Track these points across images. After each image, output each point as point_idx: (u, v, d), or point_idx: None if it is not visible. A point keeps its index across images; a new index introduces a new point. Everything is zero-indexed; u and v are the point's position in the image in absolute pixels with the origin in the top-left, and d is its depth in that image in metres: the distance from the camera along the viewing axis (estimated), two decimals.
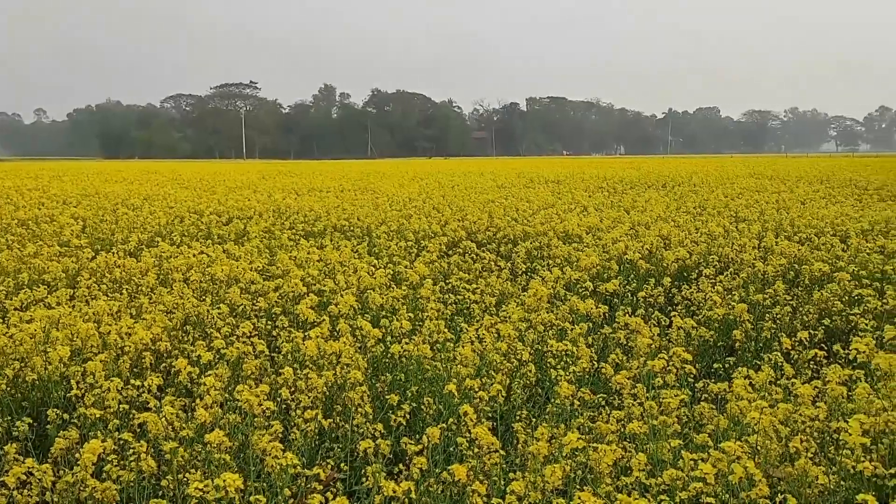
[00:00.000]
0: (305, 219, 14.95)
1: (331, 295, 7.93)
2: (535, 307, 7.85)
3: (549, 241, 12.06)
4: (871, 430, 4.33)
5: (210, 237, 12.91)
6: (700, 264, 10.10)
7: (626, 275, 10.02)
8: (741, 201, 18.37)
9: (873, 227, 13.11)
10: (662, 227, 13.00)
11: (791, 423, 4.58)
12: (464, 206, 17.24)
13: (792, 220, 13.57)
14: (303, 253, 10.12)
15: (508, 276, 10.29)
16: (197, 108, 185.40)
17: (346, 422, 4.82)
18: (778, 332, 7.32)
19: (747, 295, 8.41)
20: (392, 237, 12.56)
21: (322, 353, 5.49)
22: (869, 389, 4.98)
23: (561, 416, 5.17)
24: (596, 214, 15.66)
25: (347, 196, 21.30)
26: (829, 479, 3.85)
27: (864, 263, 9.48)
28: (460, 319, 8.10)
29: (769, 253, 10.46)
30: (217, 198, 19.87)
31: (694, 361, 7.13)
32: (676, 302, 8.95)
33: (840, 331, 7.63)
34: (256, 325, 6.89)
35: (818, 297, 8.21)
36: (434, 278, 9.65)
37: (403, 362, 5.86)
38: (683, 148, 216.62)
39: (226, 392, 5.10)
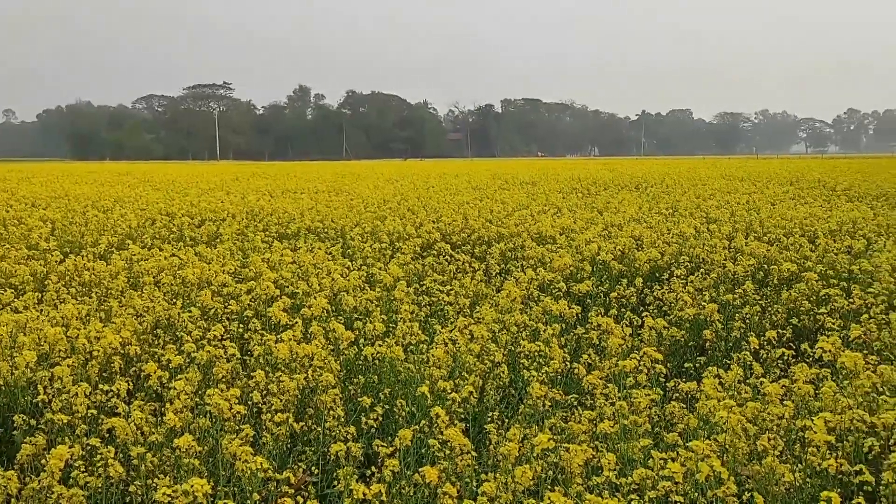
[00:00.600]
0: (279, 221, 14.86)
1: (304, 297, 7.89)
2: (509, 308, 7.88)
3: (523, 243, 12.11)
4: (837, 427, 4.41)
5: (182, 239, 12.78)
6: (672, 265, 10.19)
7: (599, 275, 10.09)
8: (712, 202, 18.58)
9: (841, 228, 13.34)
10: (635, 228, 13.11)
11: (759, 421, 4.65)
12: (439, 208, 17.25)
13: (762, 220, 13.76)
14: (276, 255, 10.06)
15: (483, 277, 10.32)
16: (169, 109, 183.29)
17: (319, 425, 4.79)
18: (747, 331, 7.41)
19: (718, 295, 8.51)
20: (366, 239, 12.53)
21: (294, 355, 5.46)
22: (835, 388, 5.08)
23: (533, 417, 5.19)
24: (569, 215, 15.75)
25: (322, 198, 21.21)
26: (795, 476, 3.91)
27: (831, 263, 9.64)
28: (434, 321, 8.10)
29: (739, 253, 10.60)
30: (189, 200, 19.67)
31: (665, 361, 7.19)
32: (648, 302, 9.04)
33: (808, 330, 7.76)
34: (228, 328, 6.83)
35: (786, 297, 8.33)
36: (408, 280, 9.65)
37: (377, 364, 5.85)
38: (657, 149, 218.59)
39: (196, 396, 5.05)
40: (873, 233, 12.28)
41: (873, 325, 6.62)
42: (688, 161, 73.53)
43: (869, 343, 6.43)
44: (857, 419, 4.26)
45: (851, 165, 46.68)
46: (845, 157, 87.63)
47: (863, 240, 11.04)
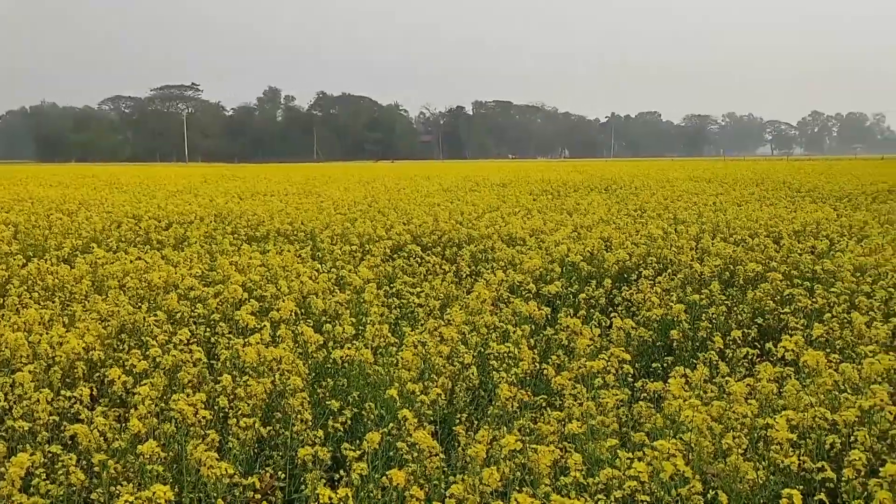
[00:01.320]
0: (248, 223, 14.73)
1: (272, 300, 7.83)
2: (479, 310, 7.89)
3: (493, 244, 12.14)
4: (800, 425, 4.48)
5: (149, 243, 12.61)
6: (640, 266, 10.29)
7: (569, 277, 10.15)
8: (680, 203, 18.81)
9: (805, 228, 13.59)
10: (604, 230, 13.21)
11: (724, 420, 4.71)
12: (409, 210, 17.23)
13: (728, 221, 13.95)
14: (244, 258, 9.96)
15: (453, 279, 10.32)
16: (137, 110, 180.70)
17: (287, 429, 4.76)
18: (713, 331, 7.51)
19: (685, 295, 8.61)
20: (336, 241, 12.47)
21: (262, 359, 5.41)
22: (798, 386, 5.16)
23: (502, 419, 5.20)
24: (539, 217, 15.83)
25: (292, 200, 21.08)
26: (758, 474, 3.96)
27: (795, 264, 9.80)
28: (404, 323, 8.09)
29: (706, 254, 10.73)
30: (157, 202, 19.44)
31: (633, 361, 7.26)
32: (617, 303, 9.10)
33: (773, 329, 7.88)
34: (195, 332, 6.76)
35: (752, 297, 8.45)
36: (378, 282, 9.62)
37: (346, 367, 5.82)
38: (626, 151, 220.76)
39: (162, 401, 4.98)
40: (836, 233, 12.52)
41: (835, 324, 6.75)
42: (657, 163, 74.37)
43: (831, 341, 6.55)
44: (819, 417, 4.34)
45: (815, 167, 47.56)
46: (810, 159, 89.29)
47: (826, 240, 11.25)
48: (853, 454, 3.77)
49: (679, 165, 59.45)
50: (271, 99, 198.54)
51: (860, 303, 7.46)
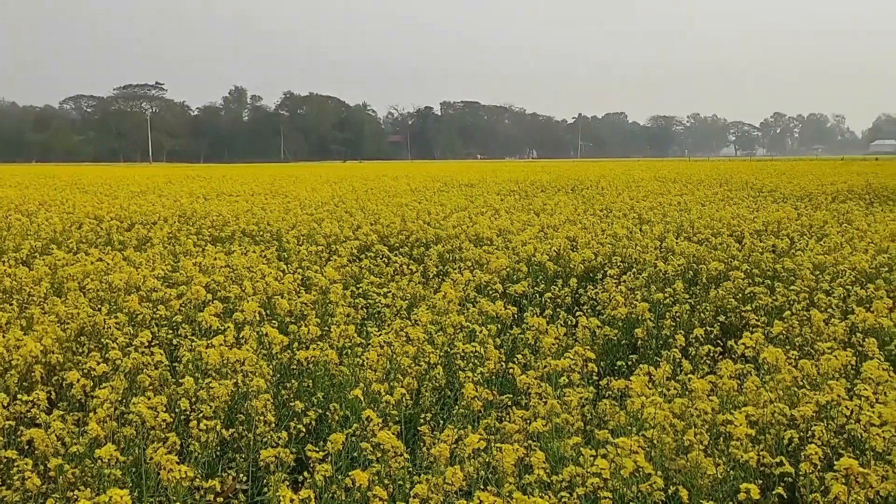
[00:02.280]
0: (213, 224, 14.55)
1: (237, 301, 7.74)
2: (446, 309, 7.89)
3: (460, 244, 12.15)
4: (760, 421, 4.55)
5: (110, 244, 12.38)
6: (605, 265, 10.37)
7: (535, 276, 10.20)
8: (646, 203, 19.01)
9: (767, 228, 13.83)
10: (570, 230, 13.30)
11: (686, 416, 4.77)
12: (377, 210, 17.18)
13: (692, 221, 14.13)
14: (209, 259, 9.84)
15: (420, 279, 10.31)
16: (99, 110, 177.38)
17: (250, 431, 4.70)
18: (677, 329, 7.60)
19: (649, 294, 8.70)
20: (302, 242, 12.38)
21: (225, 361, 5.35)
22: (759, 382, 5.25)
23: (468, 418, 5.21)
24: (507, 217, 15.88)
25: (258, 200, 20.88)
26: (718, 470, 4.02)
27: (757, 262, 9.96)
28: (371, 324, 8.05)
29: (670, 253, 10.85)
30: (119, 203, 19.11)
31: (598, 359, 7.33)
32: (583, 302, 9.16)
33: (735, 327, 7.99)
34: (157, 333, 6.65)
35: (714, 295, 8.57)
36: (345, 283, 9.56)
37: (311, 368, 5.78)
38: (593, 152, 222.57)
39: (122, 405, 4.89)
40: (797, 233, 12.75)
41: (795, 322, 6.87)
42: (623, 163, 75.18)
43: (791, 338, 6.67)
44: (778, 412, 4.41)
45: (777, 167, 48.43)
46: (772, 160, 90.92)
47: (786, 239, 11.45)
48: (810, 449, 3.84)
49: (645, 166, 60.13)
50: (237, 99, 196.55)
51: (819, 300, 7.61)
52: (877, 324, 6.37)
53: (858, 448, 4.29)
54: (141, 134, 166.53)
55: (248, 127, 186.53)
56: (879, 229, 12.26)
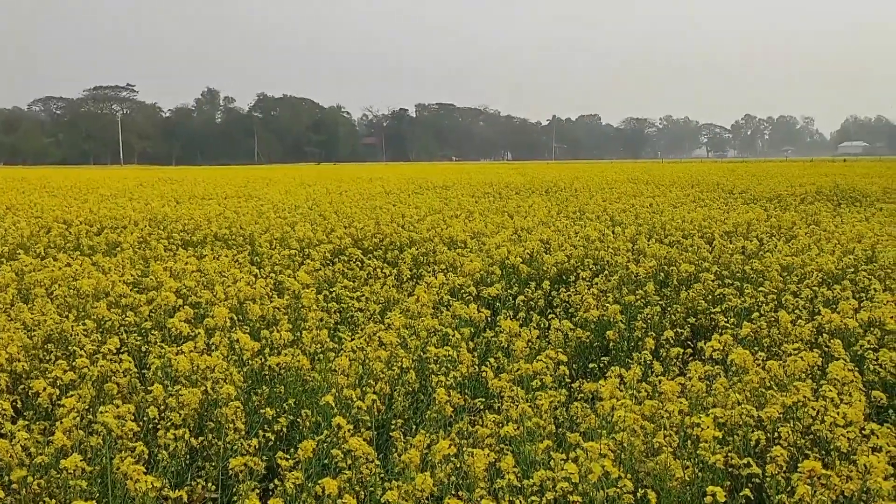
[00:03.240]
0: (184, 228, 14.39)
1: (208, 307, 7.67)
2: (419, 313, 7.89)
3: (434, 247, 12.15)
4: (728, 422, 4.61)
5: (79, 248, 12.20)
6: (577, 267, 10.43)
7: (509, 279, 10.23)
8: (618, 205, 19.16)
9: (736, 229, 14.01)
10: (544, 232, 13.36)
11: (656, 418, 4.82)
12: (351, 213, 17.12)
13: (664, 223, 14.27)
14: (179, 263, 9.73)
15: (394, 282, 10.29)
16: (68, 112, 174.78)
17: (220, 439, 4.66)
18: (648, 331, 7.67)
19: (621, 296, 8.77)
20: (275, 246, 12.30)
21: (195, 368, 5.29)
22: (727, 384, 5.31)
23: (440, 422, 5.21)
24: (481, 220, 15.92)
25: (230, 203, 20.70)
26: (686, 472, 4.06)
27: (726, 264, 10.09)
28: (344, 328, 8.02)
29: (642, 255, 10.95)
30: (89, 206, 18.83)
31: (571, 362, 7.38)
32: (556, 304, 9.21)
33: (705, 328, 8.09)
34: (126, 340, 6.57)
35: (685, 297, 8.66)
36: (318, 287, 9.52)
37: (282, 374, 5.74)
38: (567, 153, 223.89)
39: (89, 413, 4.82)
40: (766, 234, 12.93)
41: (763, 323, 6.96)
42: (597, 165, 75.70)
43: (759, 339, 6.76)
44: (745, 414, 4.47)
45: (748, 169, 49.10)
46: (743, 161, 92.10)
47: (756, 241, 11.61)
48: (775, 451, 3.90)
49: (618, 167, 60.64)
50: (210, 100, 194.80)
51: (787, 302, 7.72)
52: (842, 324, 6.48)
53: (824, 448, 4.36)
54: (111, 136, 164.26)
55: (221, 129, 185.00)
56: (846, 230, 12.47)
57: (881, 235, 11.63)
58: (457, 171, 56.64)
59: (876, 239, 11.24)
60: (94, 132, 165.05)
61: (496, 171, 55.67)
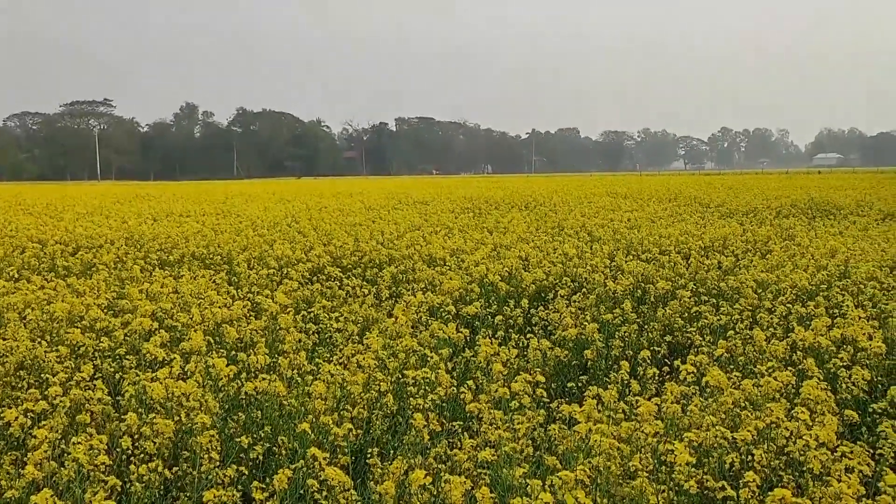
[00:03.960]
0: (161, 247, 14.28)
1: (184, 330, 7.60)
2: (398, 333, 7.87)
3: (413, 265, 12.15)
4: (703, 444, 4.64)
5: (54, 269, 12.06)
6: (556, 285, 10.47)
7: (488, 297, 10.25)
8: (597, 220, 19.27)
9: (713, 244, 14.15)
10: (523, 248, 13.41)
11: (633, 440, 4.84)
12: (330, 230, 17.08)
13: (641, 239, 14.37)
14: (156, 285, 9.65)
15: (373, 301, 10.27)
16: (45, 127, 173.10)
17: (195, 468, 4.61)
18: (626, 349, 7.71)
19: (599, 314, 8.81)
20: (254, 265, 12.24)
21: (170, 395, 5.24)
22: (702, 404, 5.36)
23: (418, 446, 5.19)
24: (460, 236, 15.95)
25: (209, 221, 20.57)
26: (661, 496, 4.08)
27: (703, 280, 10.18)
28: (323, 349, 7.99)
29: (620, 272, 11.02)
30: (64, 225, 18.62)
31: (550, 380, 7.40)
32: (535, 322, 9.24)
33: (682, 345, 8.14)
34: (100, 366, 6.49)
35: (662, 314, 8.72)
36: (296, 307, 9.48)
37: (259, 399, 5.70)
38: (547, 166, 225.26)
39: (62, 443, 4.76)
40: (741, 249, 13.07)
41: (738, 341, 7.03)
42: (576, 178, 76.12)
43: (735, 358, 6.82)
44: (719, 436, 4.50)
45: (725, 181, 49.65)
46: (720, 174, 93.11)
47: (731, 257, 11.72)
48: (748, 476, 3.93)
49: (597, 181, 61.04)
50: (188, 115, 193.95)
51: (762, 319, 7.80)
52: (816, 342, 6.56)
53: (797, 470, 4.40)
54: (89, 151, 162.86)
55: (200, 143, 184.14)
56: (820, 245, 12.64)
57: (854, 250, 11.80)
58: (437, 185, 56.74)
59: (849, 254, 11.39)
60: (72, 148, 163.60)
61: (476, 184, 55.84)
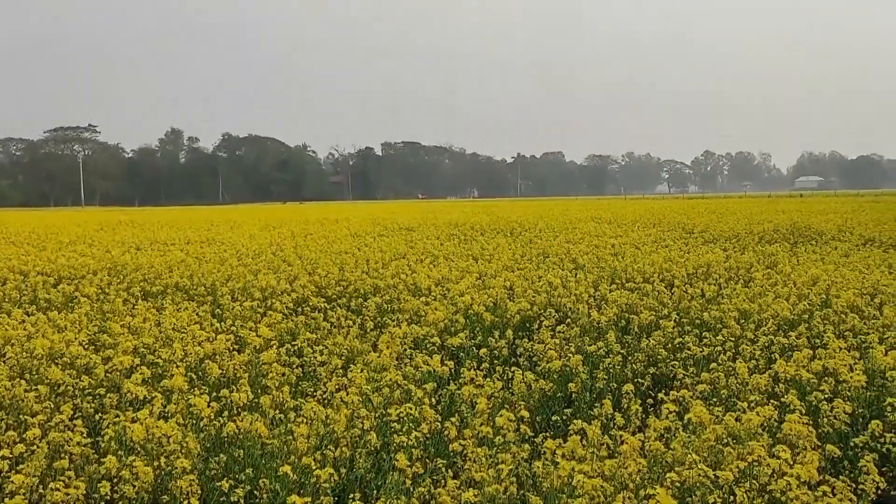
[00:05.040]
0: (145, 277, 14.19)
1: (167, 365, 7.55)
2: (383, 366, 7.85)
3: (399, 295, 12.14)
4: (686, 481, 4.65)
5: (35, 302, 11.95)
6: (541, 315, 10.49)
7: (473, 328, 10.24)
8: (581, 247, 19.36)
9: (696, 271, 14.24)
10: (508, 277, 13.44)
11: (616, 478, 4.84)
12: (315, 259, 17.03)
13: (625, 266, 14.44)
14: (138, 318, 9.58)
15: (358, 331, 10.24)
16: (28, 153, 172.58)
17: None
18: (610, 381, 7.72)
19: (583, 344, 8.83)
20: (237, 296, 12.17)
21: (150, 436, 5.19)
22: (685, 438, 5.37)
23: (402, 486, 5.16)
24: (446, 264, 15.96)
25: (193, 249, 20.48)
26: None
27: (686, 310, 10.23)
28: (306, 384, 7.95)
29: (604, 301, 11.06)
30: (47, 255, 18.48)
31: (535, 413, 7.40)
32: (520, 353, 9.23)
33: (665, 377, 8.16)
34: (80, 405, 6.42)
35: (646, 345, 8.75)
36: (280, 339, 9.44)
37: (241, 439, 5.66)
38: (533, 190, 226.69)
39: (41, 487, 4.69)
40: (724, 277, 13.16)
41: (721, 374, 7.06)
42: (561, 202, 76.60)
43: (718, 389, 6.85)
44: (702, 475, 4.51)
45: (708, 206, 50.12)
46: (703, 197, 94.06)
47: (714, 286, 11.79)
48: None
49: (581, 205, 61.44)
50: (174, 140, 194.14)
51: (744, 350, 7.84)
52: (797, 375, 6.60)
53: None
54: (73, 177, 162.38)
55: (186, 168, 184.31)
56: (802, 273, 12.76)
57: (835, 278, 11.91)
58: (423, 210, 56.88)
59: (830, 281, 11.51)
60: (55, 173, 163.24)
61: (462, 209, 56.04)
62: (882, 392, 6.67)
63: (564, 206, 57.22)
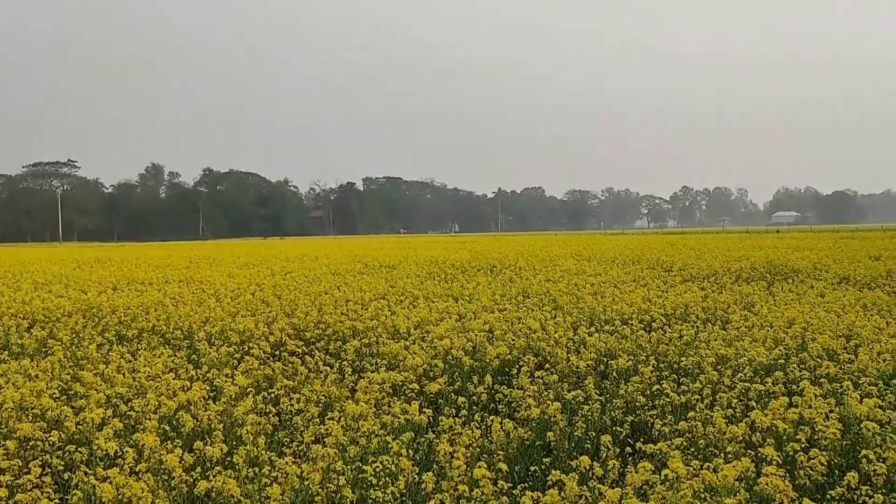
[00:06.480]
0: (121, 320, 14.02)
1: (139, 417, 7.43)
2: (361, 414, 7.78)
3: (377, 338, 12.08)
4: None
5: (7, 348, 11.74)
6: (520, 359, 10.46)
7: (451, 373, 10.19)
8: (561, 285, 19.39)
9: (675, 311, 14.32)
10: (487, 319, 13.41)
11: None
12: (294, 300, 16.92)
13: (605, 307, 14.48)
14: (112, 366, 9.44)
15: (337, 376, 10.15)
16: (6, 188, 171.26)
17: None
18: (589, 429, 7.70)
19: (562, 390, 8.81)
20: (214, 340, 12.04)
21: (120, 496, 5.09)
22: (663, 492, 5.34)
23: None
24: (425, 305, 15.91)
25: (171, 289, 20.28)
26: None
27: (664, 353, 10.26)
28: (283, 434, 7.86)
29: (582, 345, 11.06)
30: (21, 296, 18.20)
31: (514, 463, 7.35)
32: (498, 399, 9.18)
33: (644, 424, 8.15)
34: (49, 461, 6.28)
35: (624, 391, 8.74)
36: (257, 386, 9.33)
37: (213, 497, 5.56)
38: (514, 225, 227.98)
39: None
40: (701, 319, 13.23)
41: (699, 424, 7.06)
42: (542, 237, 77.07)
43: (695, 440, 6.85)
44: None
45: (687, 242, 50.54)
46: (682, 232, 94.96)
47: (692, 329, 11.83)
48: None
49: (562, 240, 61.79)
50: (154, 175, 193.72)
51: (721, 399, 7.86)
52: (773, 425, 6.62)
53: None
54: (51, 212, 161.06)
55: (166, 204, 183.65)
56: (778, 314, 12.86)
57: (811, 319, 12.02)
58: (404, 246, 56.89)
59: (805, 323, 11.60)
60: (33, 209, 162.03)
61: (443, 246, 56.11)
62: (858, 440, 6.70)
63: (545, 242, 57.51)
